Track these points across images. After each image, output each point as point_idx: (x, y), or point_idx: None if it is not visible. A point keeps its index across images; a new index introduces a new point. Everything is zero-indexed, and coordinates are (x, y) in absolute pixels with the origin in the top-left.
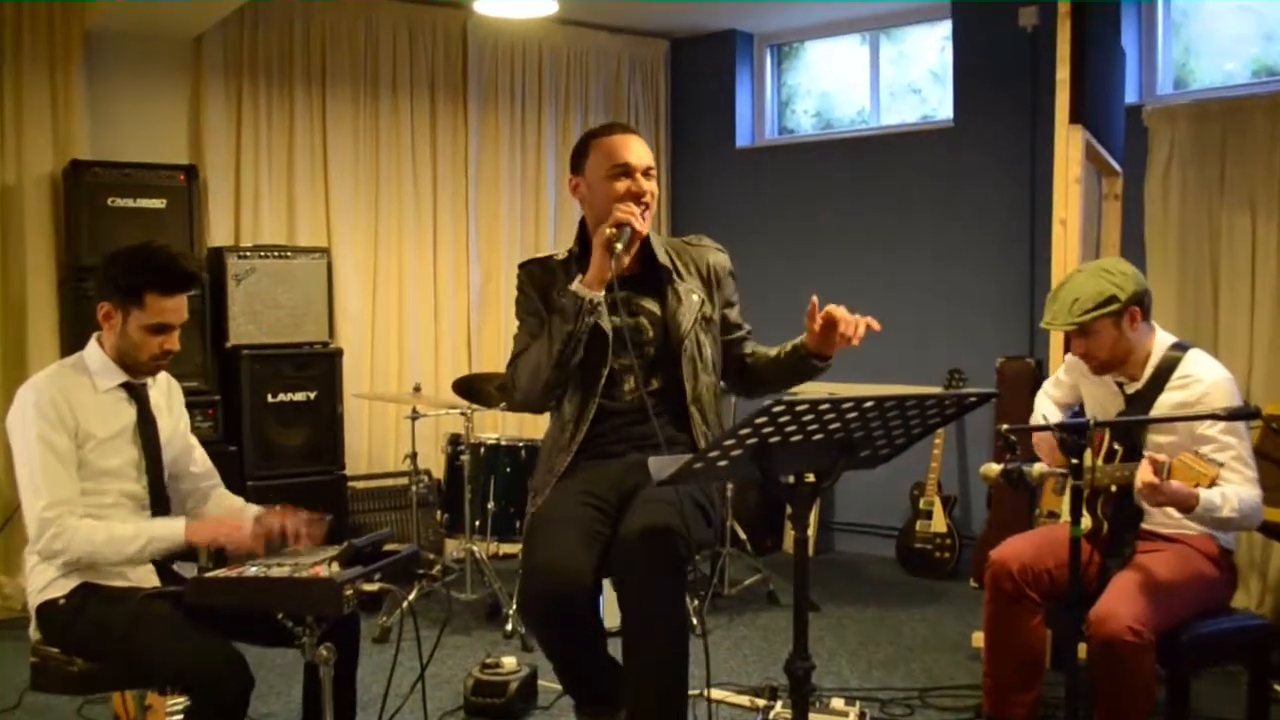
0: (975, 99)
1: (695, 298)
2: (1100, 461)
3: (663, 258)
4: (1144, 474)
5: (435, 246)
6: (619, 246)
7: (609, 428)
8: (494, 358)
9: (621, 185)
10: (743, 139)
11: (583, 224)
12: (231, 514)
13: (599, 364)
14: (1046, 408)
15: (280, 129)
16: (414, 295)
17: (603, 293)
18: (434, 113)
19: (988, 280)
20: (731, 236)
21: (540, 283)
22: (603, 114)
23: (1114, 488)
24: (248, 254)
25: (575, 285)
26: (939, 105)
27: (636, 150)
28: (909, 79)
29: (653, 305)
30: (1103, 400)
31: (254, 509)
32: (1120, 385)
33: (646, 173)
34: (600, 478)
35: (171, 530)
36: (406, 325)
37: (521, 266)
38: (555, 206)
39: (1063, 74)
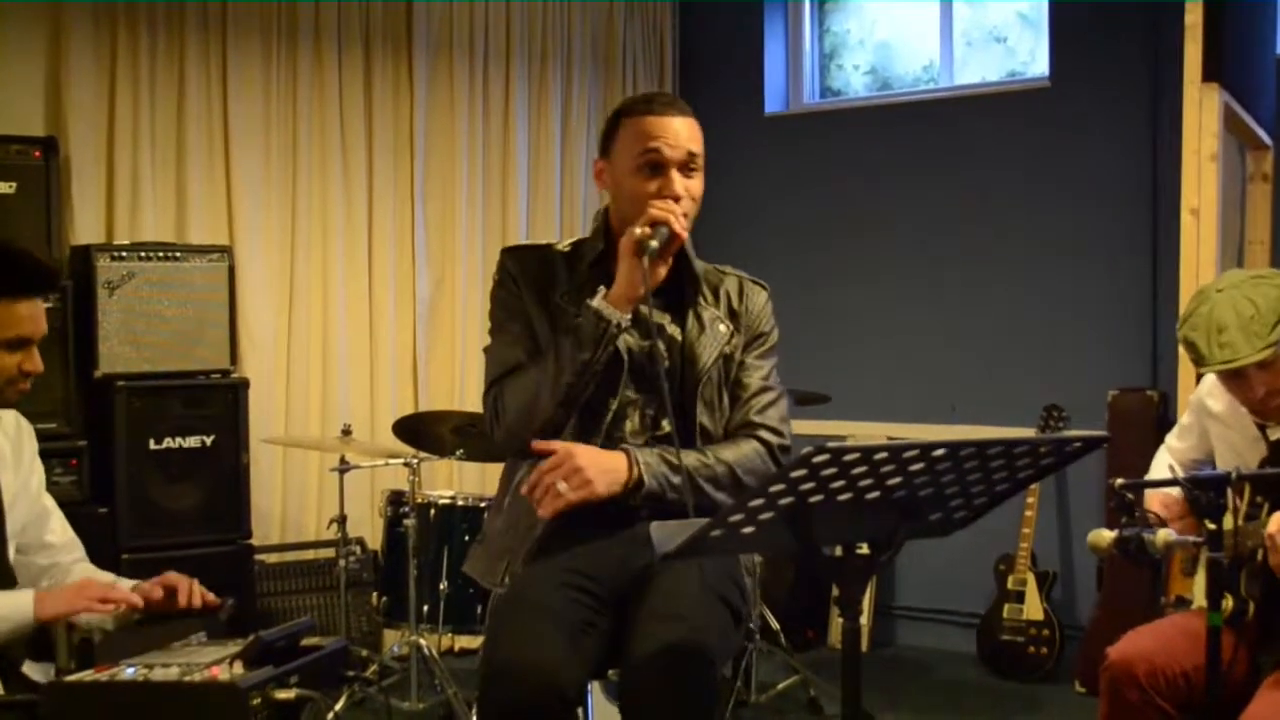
0: (1078, 50)
1: (722, 328)
2: (1241, 522)
3: (700, 270)
4: (1275, 523)
5: (371, 245)
6: (653, 247)
7: None
8: (446, 391)
9: (651, 185)
10: (773, 104)
11: (608, 217)
12: None
13: (605, 396)
14: (1166, 466)
15: (167, 93)
16: (342, 309)
17: (630, 315)
18: (369, 70)
19: (1095, 288)
20: (757, 229)
21: (534, 278)
22: (590, 70)
23: (1260, 554)
24: (124, 254)
25: (598, 302)
26: (1030, 58)
27: (676, 132)
28: (990, 24)
29: (672, 328)
30: (1240, 448)
31: (128, 582)
32: (1262, 429)
33: (687, 166)
34: (596, 554)
35: (14, 606)
36: (333, 348)
37: (507, 252)
38: (528, 193)
39: (1193, 17)
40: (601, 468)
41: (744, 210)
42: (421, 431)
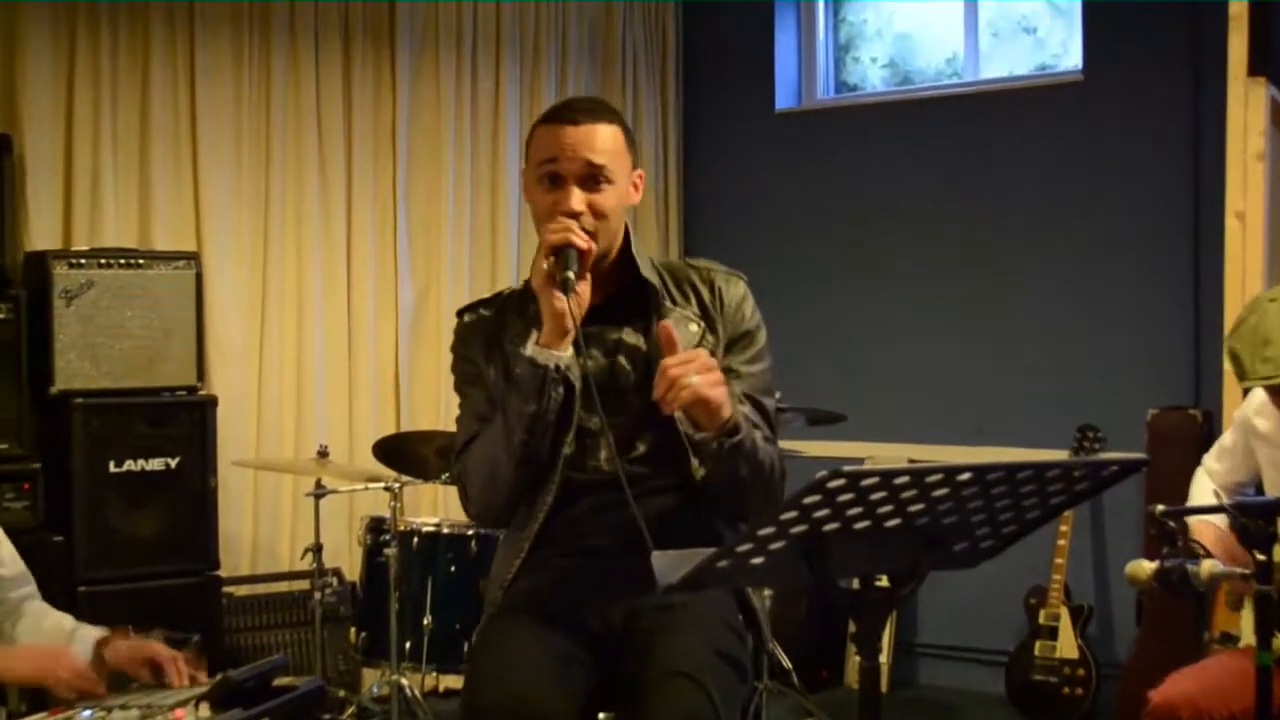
0: (1113, 41)
1: (693, 328)
2: None
3: (648, 273)
4: None
5: (350, 252)
6: (570, 275)
7: (584, 511)
8: (430, 409)
9: (547, 198)
10: (785, 99)
11: None
12: (56, 636)
13: (561, 425)
14: (1208, 491)
15: (130, 89)
16: (319, 320)
17: (569, 351)
18: (348, 65)
19: (1133, 298)
20: (767, 233)
21: (484, 334)
22: (588, 66)
23: None
24: (82, 262)
25: (530, 348)
26: (1062, 50)
27: (576, 142)
28: (1019, 14)
29: (634, 337)
30: None
31: (90, 632)
32: None
33: (591, 179)
34: (582, 586)
35: None
36: (308, 363)
37: (459, 314)
38: (518, 197)
39: (1238, 7)
40: (719, 379)
41: (753, 213)
42: (404, 453)
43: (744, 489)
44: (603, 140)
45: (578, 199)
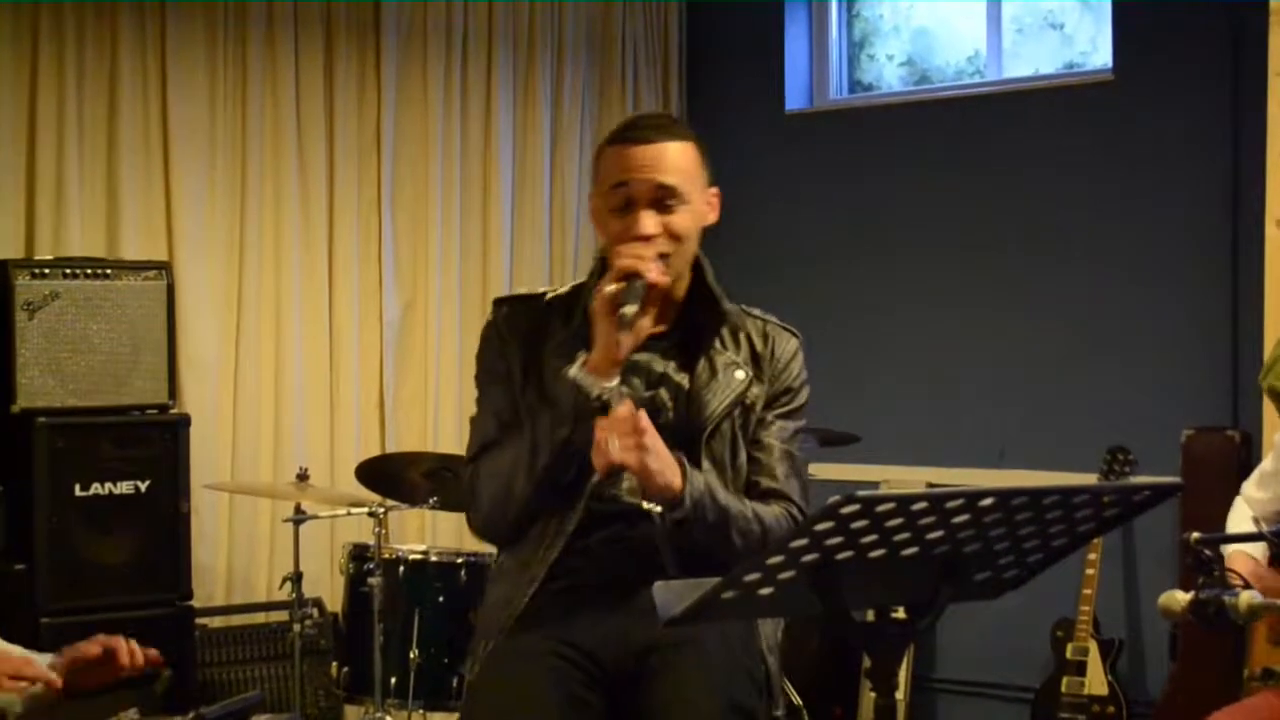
0: (1146, 38)
1: (740, 375)
2: None
3: (729, 307)
4: None
5: (331, 261)
6: (628, 311)
7: (599, 542)
8: (418, 430)
9: (618, 223)
10: (795, 100)
11: (605, 256)
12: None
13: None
14: (1247, 519)
15: (96, 88)
16: (298, 334)
17: (616, 381)
18: (330, 63)
19: (1167, 312)
20: (776, 242)
21: (525, 332)
22: (585, 63)
23: None
24: (46, 271)
25: (576, 370)
26: (1090, 47)
27: (645, 163)
28: (1045, 9)
29: (678, 375)
30: None
31: (49, 660)
32: None
33: (662, 201)
34: (591, 625)
35: None
36: (287, 380)
37: (499, 303)
38: (512, 202)
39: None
40: (661, 453)
41: (761, 221)
42: (389, 476)
43: (721, 552)
44: (674, 159)
45: (651, 222)
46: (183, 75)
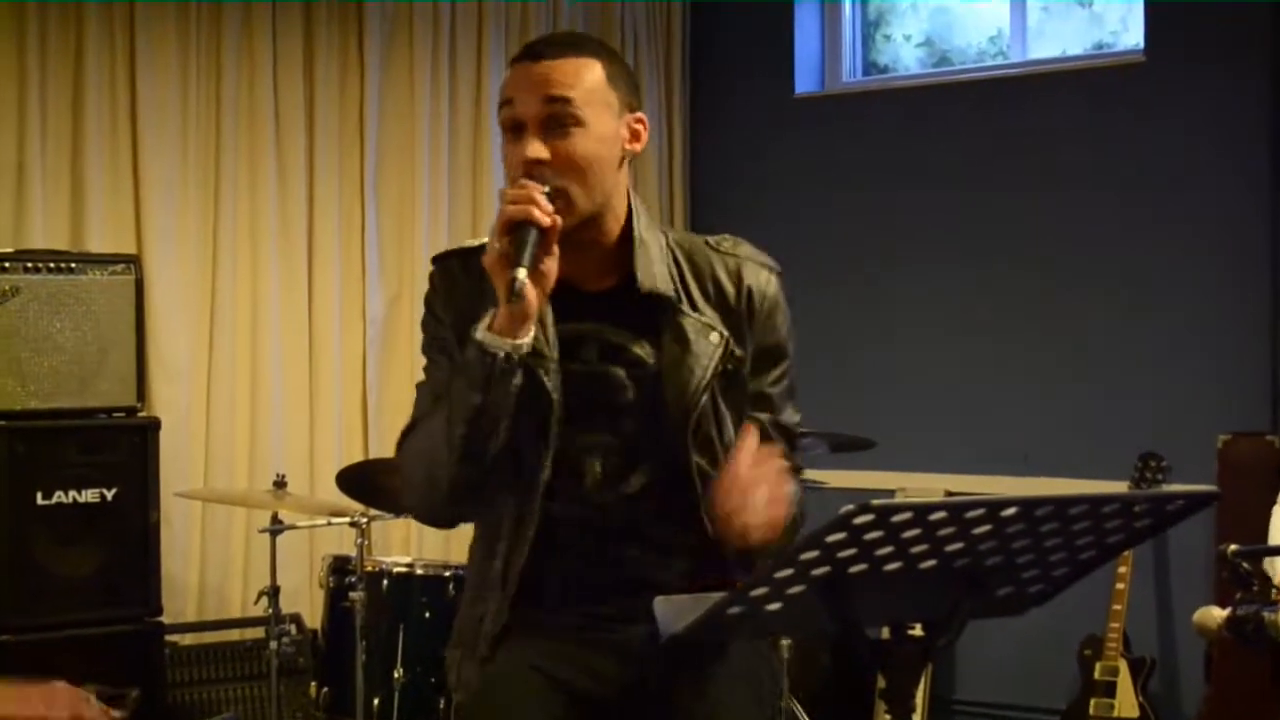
0: (1179, 15)
1: (714, 338)
2: None
3: (648, 272)
4: None
5: (311, 254)
6: (519, 277)
7: (574, 555)
8: None
9: (508, 152)
10: (805, 83)
11: None
12: None
13: (538, 441)
14: None
15: (60, 67)
16: (276, 334)
17: (528, 338)
18: (310, 47)
19: (1202, 308)
20: (785, 233)
21: (461, 297)
22: None
23: None
24: (6, 265)
25: (480, 331)
26: (1121, 27)
27: (532, 81)
28: None
29: (640, 348)
30: None
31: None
32: None
33: (554, 121)
34: (578, 658)
35: None
36: (264, 381)
37: (435, 263)
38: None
39: None
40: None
41: (768, 212)
42: (372, 484)
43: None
44: (568, 75)
45: (535, 147)
46: (152, 56)
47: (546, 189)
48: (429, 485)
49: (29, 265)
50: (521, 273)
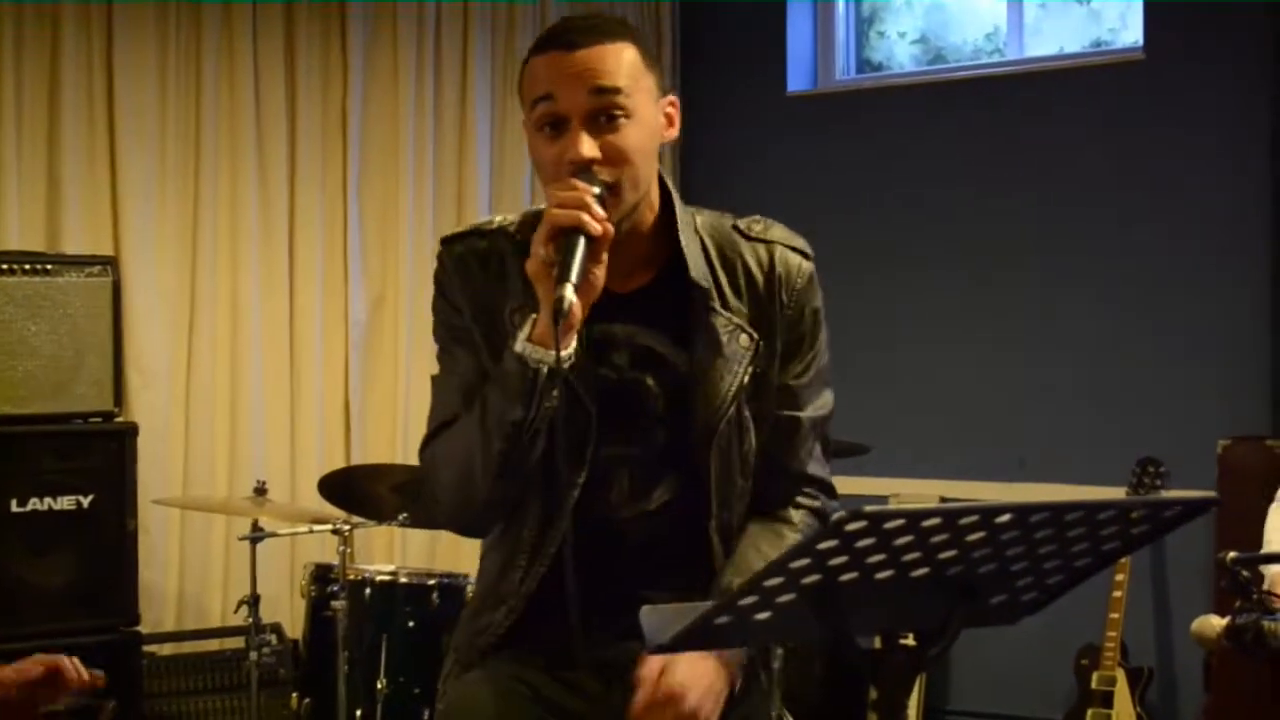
0: (1180, 12)
1: (744, 340)
2: None
3: (696, 263)
4: None
5: (292, 255)
6: (566, 296)
7: (583, 558)
8: (386, 440)
9: (549, 150)
10: (798, 81)
11: None
12: None
13: (571, 455)
14: None
15: (36, 66)
16: (257, 337)
17: (572, 348)
18: (291, 41)
19: (1202, 311)
20: None
21: (478, 287)
22: None
23: None
24: None
25: (521, 342)
26: (1119, 24)
27: (576, 70)
28: None
29: (666, 347)
30: None
31: None
32: None
33: (599, 113)
34: (569, 667)
35: None
36: (244, 385)
37: (446, 246)
38: (490, 193)
39: None
40: (705, 689)
41: (761, 212)
42: (355, 490)
43: None
44: (612, 62)
45: (587, 144)
46: (130, 54)
47: (598, 191)
48: (464, 501)
49: (3, 267)
50: (569, 290)
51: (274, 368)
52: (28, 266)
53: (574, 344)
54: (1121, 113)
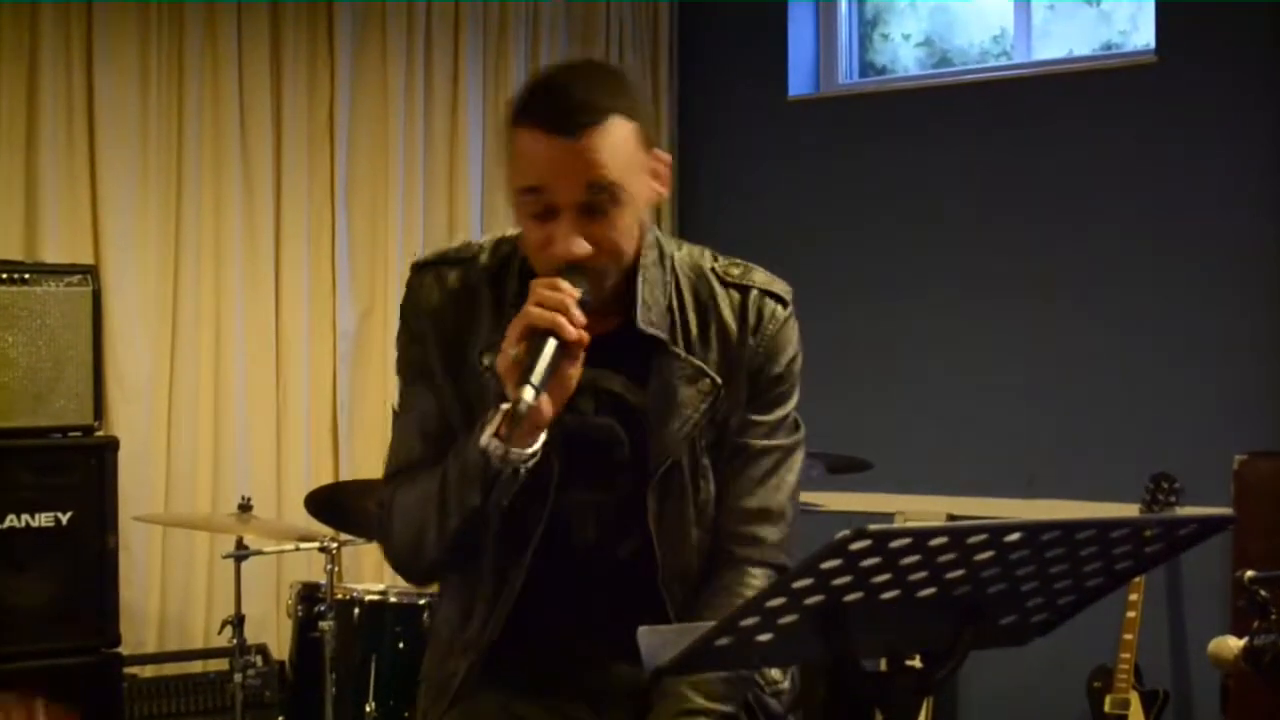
0: (1192, 14)
1: (704, 384)
2: None
3: (648, 311)
4: None
5: (278, 264)
6: (525, 399)
7: (549, 607)
8: (375, 454)
9: (536, 232)
10: (799, 85)
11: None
12: None
13: (531, 503)
14: None
15: (14, 65)
16: (241, 347)
17: (537, 446)
18: (277, 44)
19: (1216, 322)
20: (777, 243)
21: (448, 322)
22: (563, 46)
23: None
24: None
25: (486, 437)
26: (1130, 26)
27: (565, 162)
28: None
29: (633, 393)
30: None
31: None
32: None
33: (592, 205)
34: (553, 699)
35: None
36: (228, 399)
37: (415, 273)
38: (481, 199)
39: None
40: None
41: (760, 222)
42: (342, 507)
43: None
44: (609, 150)
45: (578, 243)
46: (111, 54)
47: (580, 294)
48: (414, 558)
49: None
50: (529, 393)
51: (259, 380)
52: (4, 276)
53: (540, 440)
54: (1133, 117)
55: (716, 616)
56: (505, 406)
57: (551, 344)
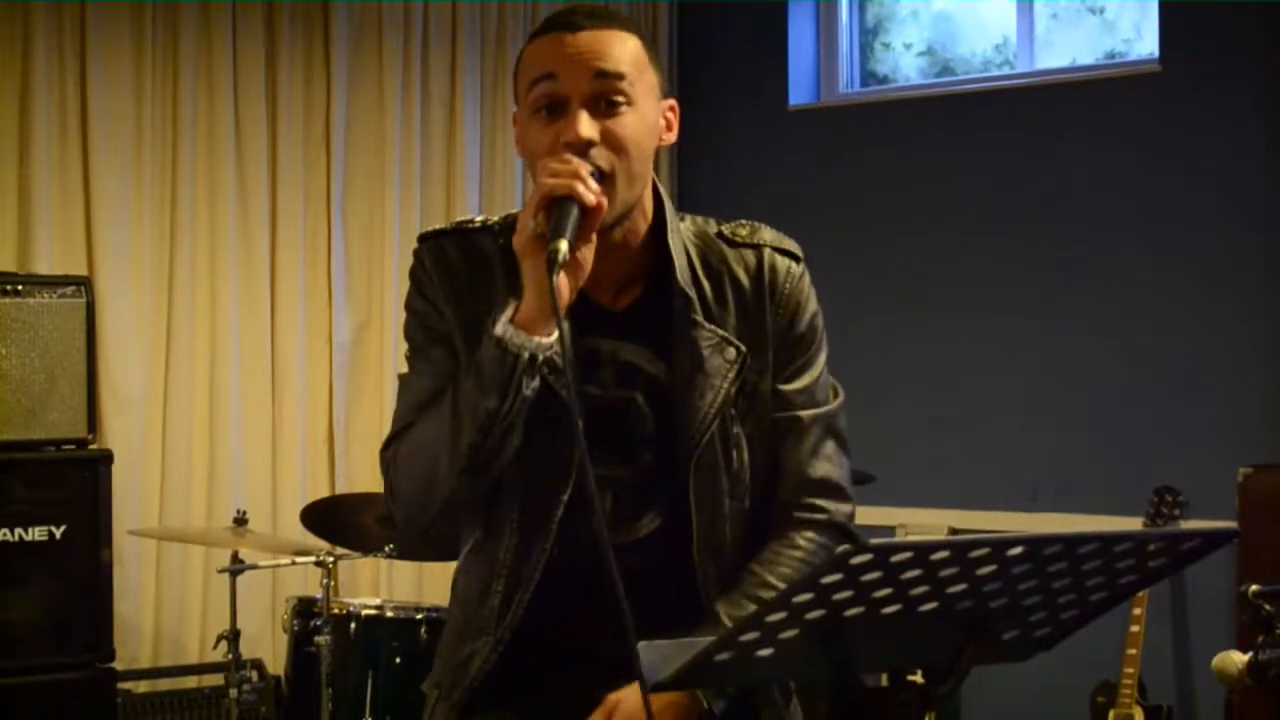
0: (1197, 23)
1: (730, 354)
2: None
3: (683, 272)
4: None
5: (274, 275)
6: (560, 248)
7: (581, 599)
8: (372, 468)
9: (544, 133)
10: (800, 94)
11: None
12: None
13: (556, 469)
14: None
15: (6, 71)
16: (236, 359)
17: (554, 335)
18: (273, 54)
19: (1221, 334)
20: None
21: (460, 284)
22: None
23: None
24: None
25: (501, 325)
26: (1134, 35)
27: (576, 51)
28: None
29: (653, 364)
30: None
31: None
32: None
33: (603, 97)
34: (563, 711)
35: None
36: (223, 411)
37: (425, 243)
38: (480, 208)
39: None
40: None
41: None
42: (339, 521)
43: None
44: (620, 45)
45: (586, 125)
46: (104, 59)
47: (591, 170)
48: (423, 501)
49: None
50: (563, 244)
51: (255, 392)
52: None
53: (555, 333)
54: (1136, 127)
55: (774, 575)
56: (512, 304)
57: (574, 210)
